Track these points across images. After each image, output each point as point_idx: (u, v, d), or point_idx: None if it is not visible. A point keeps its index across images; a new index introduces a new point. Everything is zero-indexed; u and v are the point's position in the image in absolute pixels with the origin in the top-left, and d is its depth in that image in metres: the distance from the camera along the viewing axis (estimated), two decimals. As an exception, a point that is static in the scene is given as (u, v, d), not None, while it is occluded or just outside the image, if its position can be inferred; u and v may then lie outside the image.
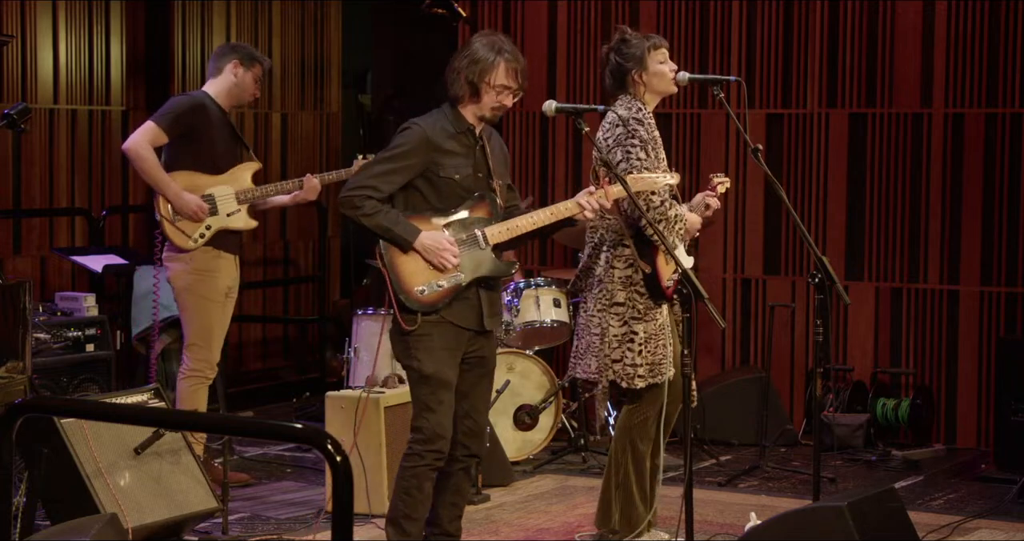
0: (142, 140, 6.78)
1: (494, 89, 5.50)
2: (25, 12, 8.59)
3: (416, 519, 5.52)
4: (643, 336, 5.92)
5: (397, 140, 5.51)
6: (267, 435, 4.31)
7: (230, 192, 6.92)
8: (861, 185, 8.48)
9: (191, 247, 6.83)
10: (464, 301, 5.53)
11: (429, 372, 5.46)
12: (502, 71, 5.49)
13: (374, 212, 5.44)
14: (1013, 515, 6.87)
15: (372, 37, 10.65)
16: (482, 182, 5.58)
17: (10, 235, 8.60)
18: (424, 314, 5.46)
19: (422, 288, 5.46)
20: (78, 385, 7.39)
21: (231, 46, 7.13)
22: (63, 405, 5.00)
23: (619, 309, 5.95)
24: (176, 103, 6.93)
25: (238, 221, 6.95)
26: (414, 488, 5.49)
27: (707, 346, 8.72)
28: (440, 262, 5.46)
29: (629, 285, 5.94)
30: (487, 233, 5.55)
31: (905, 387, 8.39)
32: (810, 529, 4.87)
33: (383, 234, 5.47)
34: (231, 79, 6.97)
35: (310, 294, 10.36)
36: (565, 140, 9.13)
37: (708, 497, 7.08)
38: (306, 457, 7.77)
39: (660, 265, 5.92)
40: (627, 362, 5.94)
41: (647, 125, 5.93)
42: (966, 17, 8.20)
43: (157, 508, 5.95)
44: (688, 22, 8.80)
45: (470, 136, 5.57)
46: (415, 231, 5.46)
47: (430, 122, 5.54)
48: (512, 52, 5.53)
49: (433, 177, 5.50)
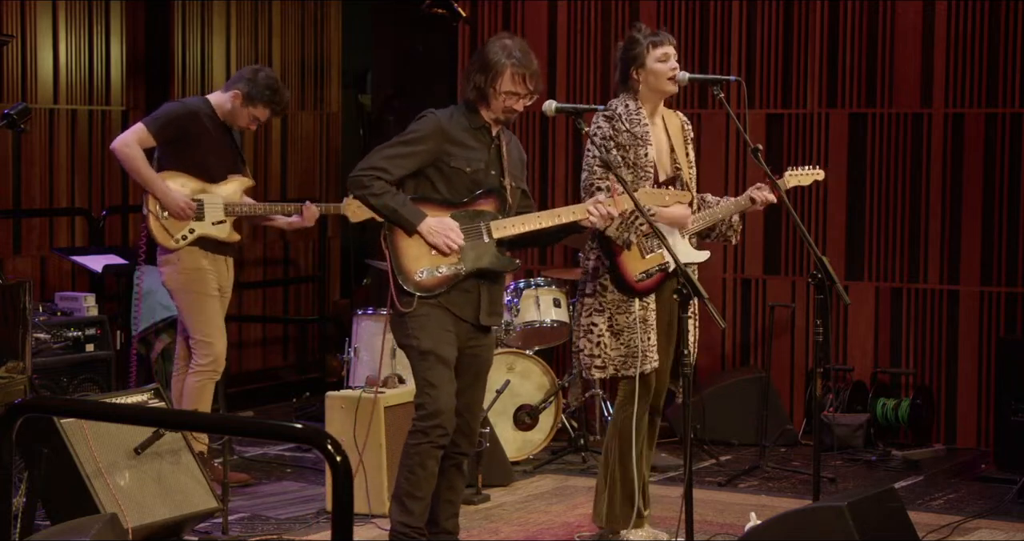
0: (130, 139, 6.84)
1: (502, 94, 5.54)
2: (25, 12, 8.59)
3: (420, 498, 5.56)
4: (602, 328, 5.97)
5: (412, 126, 5.58)
6: (267, 435, 4.31)
7: (220, 202, 6.93)
8: (861, 185, 8.48)
9: (173, 247, 6.86)
10: (464, 293, 5.58)
11: (427, 348, 5.51)
12: (508, 77, 5.53)
13: (382, 192, 5.49)
14: (1013, 515, 6.87)
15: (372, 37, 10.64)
16: (493, 179, 5.62)
17: (10, 235, 8.60)
18: (421, 298, 5.50)
19: (422, 271, 5.52)
20: (78, 385, 7.39)
21: (251, 79, 6.92)
22: (63, 405, 5.01)
23: (588, 300, 6.04)
24: (167, 108, 6.98)
25: (221, 232, 6.95)
26: (417, 466, 5.52)
27: (707, 346, 8.71)
28: (444, 243, 5.50)
29: (595, 277, 6.00)
30: (491, 226, 5.60)
31: (905, 387, 8.39)
32: (810, 529, 4.87)
33: (389, 215, 5.52)
34: (228, 104, 6.97)
35: (310, 294, 10.36)
36: (565, 140, 9.13)
37: (708, 497, 7.08)
38: (306, 457, 7.77)
39: (625, 260, 5.93)
40: (586, 352, 6.02)
41: (622, 121, 5.93)
42: (966, 17, 8.20)
43: (157, 508, 5.95)
44: (688, 22, 8.80)
45: (485, 133, 5.63)
46: (421, 215, 5.51)
47: (447, 113, 5.62)
48: (521, 58, 5.56)
49: (444, 167, 5.55)
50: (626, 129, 5.93)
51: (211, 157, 6.92)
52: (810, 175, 6.38)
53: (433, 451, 5.52)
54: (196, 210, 6.85)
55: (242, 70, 7.05)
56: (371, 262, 8.72)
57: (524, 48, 5.60)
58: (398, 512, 5.57)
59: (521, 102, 5.59)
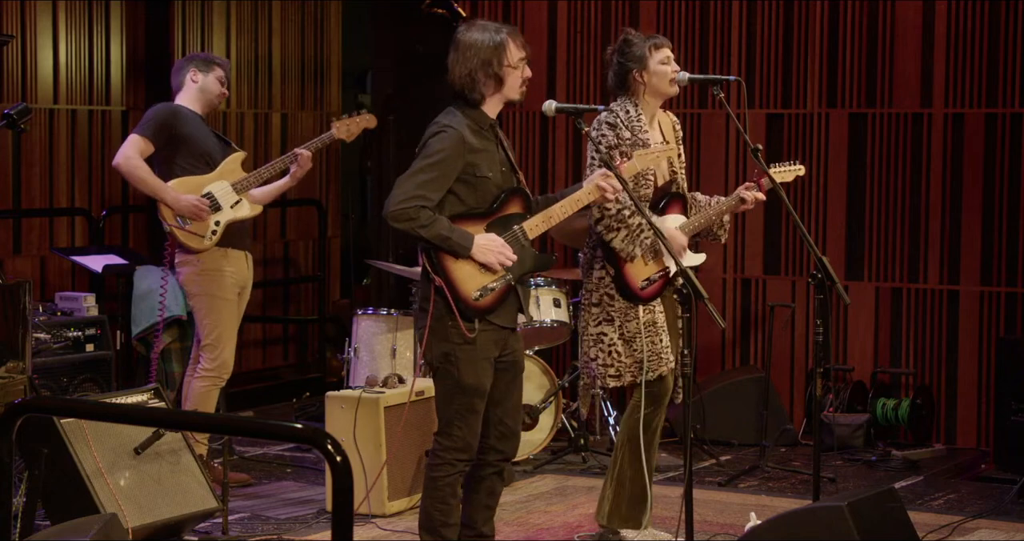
0: (131, 153, 6.89)
1: (514, 67, 5.47)
2: (25, 12, 8.58)
3: (454, 525, 5.52)
4: (613, 337, 5.97)
5: (435, 146, 5.39)
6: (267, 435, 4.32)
7: (226, 185, 7.00)
8: (861, 185, 8.48)
9: (207, 246, 6.92)
10: (507, 301, 5.49)
11: (469, 383, 5.41)
12: (512, 47, 5.46)
13: (430, 222, 5.30)
14: (1013, 515, 6.87)
15: (372, 37, 10.64)
16: (509, 177, 5.55)
17: (10, 235, 8.60)
18: (479, 319, 5.40)
19: (477, 294, 5.39)
20: (78, 385, 7.38)
21: (185, 58, 7.28)
22: (63, 405, 5.00)
23: (595, 310, 6.03)
24: (155, 112, 7.06)
25: (243, 210, 7.03)
26: (450, 496, 5.47)
27: (707, 346, 8.72)
28: (498, 260, 5.38)
29: (601, 286, 5.99)
30: (525, 228, 5.51)
31: (905, 387, 8.39)
32: (810, 529, 4.87)
33: (441, 243, 5.34)
34: (193, 86, 7.08)
35: (310, 294, 10.36)
36: (565, 140, 9.13)
37: (708, 497, 7.08)
38: (306, 457, 7.77)
39: (629, 268, 5.95)
40: (599, 362, 6.01)
41: (625, 128, 5.94)
42: (966, 17, 8.20)
43: (157, 508, 5.96)
44: (688, 22, 8.80)
45: (491, 132, 5.53)
46: (470, 236, 5.37)
47: (458, 123, 5.43)
48: (504, 26, 5.53)
49: (470, 178, 5.41)
50: (629, 136, 5.94)
51: (204, 146, 7.02)
52: (792, 171, 6.38)
53: (460, 479, 5.49)
54: (209, 204, 6.90)
55: (173, 68, 7.21)
56: (371, 262, 8.72)
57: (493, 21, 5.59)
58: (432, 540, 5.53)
59: (528, 67, 5.54)
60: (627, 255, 5.91)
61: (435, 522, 5.49)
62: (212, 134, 7.14)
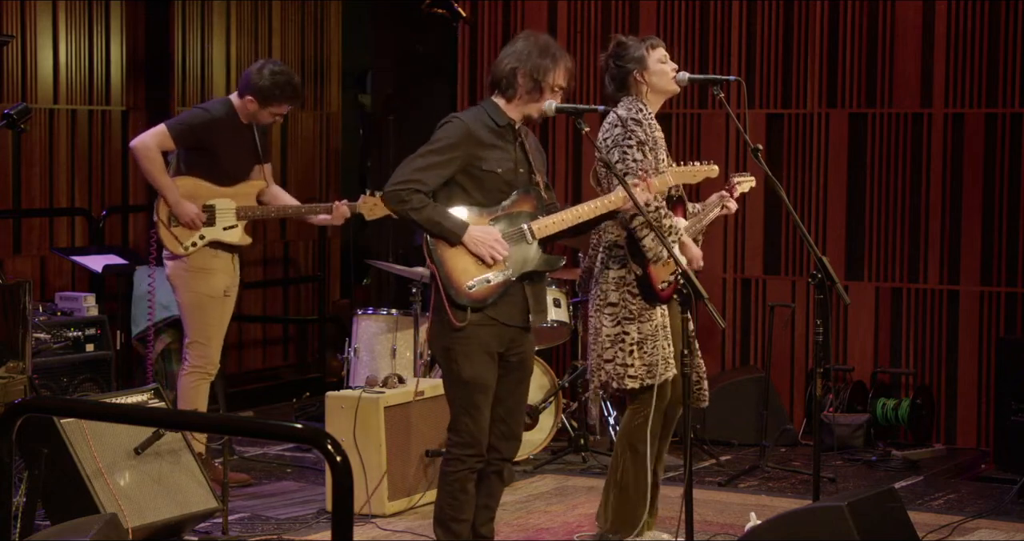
0: (151, 141, 6.83)
1: (551, 89, 5.51)
2: (25, 12, 8.58)
3: (464, 520, 5.56)
4: (635, 337, 5.94)
5: (439, 134, 5.48)
6: (267, 435, 4.32)
7: (232, 207, 6.94)
8: (861, 185, 8.48)
9: (180, 253, 6.87)
10: (509, 298, 5.49)
11: (467, 376, 5.44)
12: (561, 72, 5.51)
13: (422, 206, 5.38)
14: (1013, 515, 6.87)
15: (372, 37, 10.65)
16: (524, 177, 5.56)
17: (10, 235, 8.59)
18: (473, 310, 5.42)
19: (472, 283, 5.41)
20: (78, 385, 7.39)
21: (259, 83, 6.90)
22: (63, 405, 5.00)
23: (612, 310, 5.98)
24: (192, 115, 6.97)
25: (233, 236, 6.96)
26: (459, 491, 5.51)
27: (707, 346, 8.70)
28: (490, 254, 5.41)
29: (622, 285, 5.96)
30: (533, 227, 5.53)
31: (905, 387, 8.39)
32: (810, 529, 4.87)
33: (431, 228, 5.41)
34: (246, 108, 6.96)
35: (310, 294, 10.36)
36: (565, 140, 9.13)
37: (708, 497, 7.08)
38: (306, 457, 7.77)
39: (653, 268, 5.94)
40: (618, 362, 5.96)
41: (646, 126, 5.94)
42: (966, 17, 8.20)
43: (157, 508, 5.96)
44: (688, 22, 8.80)
45: (510, 131, 5.55)
46: (463, 225, 5.42)
47: (471, 116, 5.53)
48: (565, 54, 5.57)
49: (475, 171, 5.46)
50: (650, 134, 5.95)
51: (228, 163, 6.93)
52: (745, 182, 6.42)
53: (471, 475, 5.51)
54: (206, 219, 6.86)
55: (248, 71, 6.99)
56: (371, 262, 8.72)
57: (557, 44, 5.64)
58: (445, 535, 5.55)
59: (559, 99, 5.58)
60: (654, 256, 5.89)
61: (445, 516, 5.55)
62: (249, 148, 7.00)
